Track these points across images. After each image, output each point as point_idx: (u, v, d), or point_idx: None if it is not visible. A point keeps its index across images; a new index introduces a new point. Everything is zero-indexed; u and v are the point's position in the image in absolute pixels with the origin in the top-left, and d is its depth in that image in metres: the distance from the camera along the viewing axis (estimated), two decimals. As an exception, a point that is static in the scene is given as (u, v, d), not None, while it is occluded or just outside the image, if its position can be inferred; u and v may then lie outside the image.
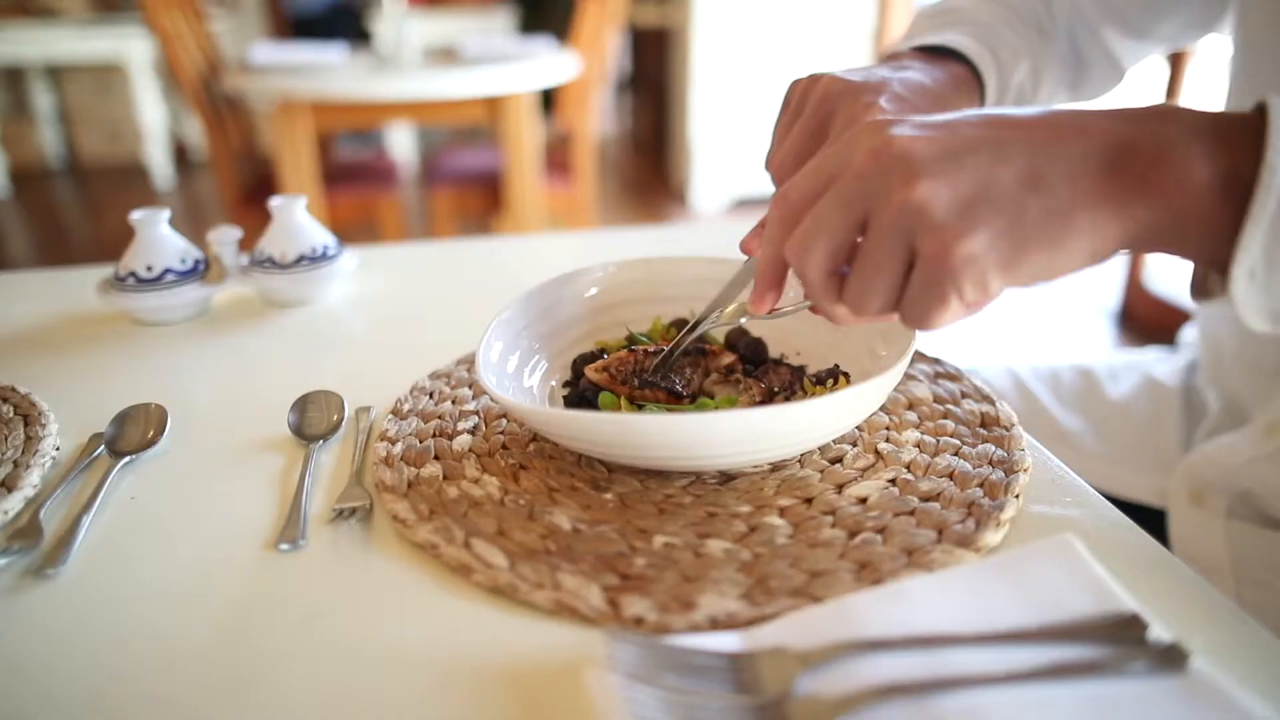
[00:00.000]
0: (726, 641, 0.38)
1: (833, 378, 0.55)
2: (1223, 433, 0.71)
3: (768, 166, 0.57)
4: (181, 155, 4.81)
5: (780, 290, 0.46)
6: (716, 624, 0.39)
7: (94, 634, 0.41)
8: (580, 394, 0.56)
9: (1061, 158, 0.37)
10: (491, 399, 0.56)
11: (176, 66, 2.30)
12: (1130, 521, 0.47)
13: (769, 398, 0.54)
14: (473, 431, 0.55)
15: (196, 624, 0.41)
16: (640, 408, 0.53)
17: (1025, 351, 2.48)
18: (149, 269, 0.75)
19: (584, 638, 0.40)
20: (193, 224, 3.71)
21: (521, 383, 0.57)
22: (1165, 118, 0.38)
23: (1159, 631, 0.36)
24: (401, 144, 4.62)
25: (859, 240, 0.40)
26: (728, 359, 0.57)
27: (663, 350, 0.55)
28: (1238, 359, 0.72)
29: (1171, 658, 0.35)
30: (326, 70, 2.33)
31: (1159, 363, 0.85)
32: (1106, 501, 0.49)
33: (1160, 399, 0.80)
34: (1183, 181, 0.37)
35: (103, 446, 0.55)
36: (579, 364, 0.59)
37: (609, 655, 0.35)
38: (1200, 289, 0.42)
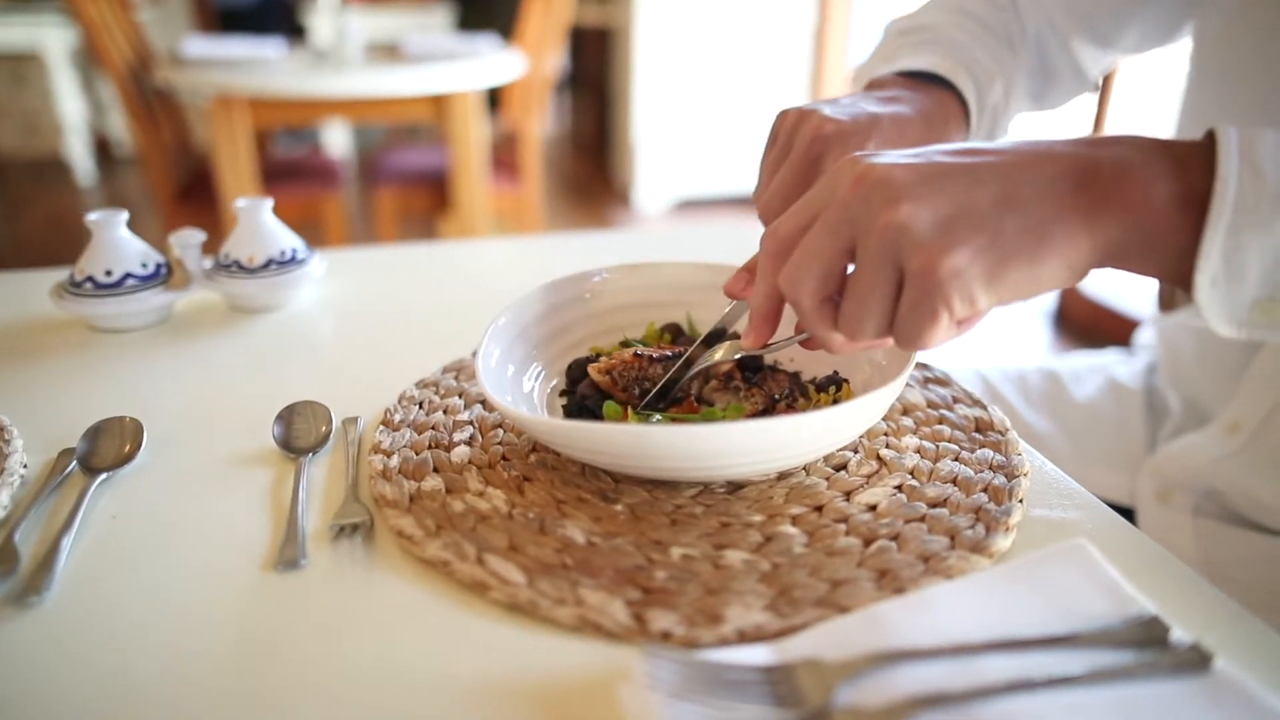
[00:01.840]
0: (758, 654, 0.37)
1: (834, 384, 0.55)
2: (1185, 433, 0.73)
3: (756, 202, 0.58)
4: (104, 150, 4.61)
5: (776, 324, 0.47)
6: (745, 637, 0.39)
7: (85, 665, 0.39)
8: (580, 402, 0.55)
9: (1031, 180, 0.40)
10: (497, 410, 0.55)
11: (104, 57, 2.20)
12: (1128, 523, 0.48)
13: (771, 405, 0.54)
14: (469, 442, 0.54)
15: (198, 649, 0.39)
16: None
17: (974, 352, 2.54)
18: (108, 273, 0.71)
19: (608, 654, 0.39)
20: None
21: (521, 389, 0.56)
22: (1124, 144, 0.41)
23: (1180, 633, 0.37)
24: (338, 142, 4.51)
25: (849, 270, 0.42)
26: (725, 366, 0.57)
27: (666, 355, 0.55)
28: (1196, 361, 0.75)
29: (1195, 659, 0.36)
30: (265, 65, 2.25)
31: (1120, 364, 0.88)
32: (1104, 504, 0.50)
33: (1124, 400, 0.83)
34: (1145, 199, 0.40)
35: (75, 463, 0.52)
36: (574, 369, 0.58)
37: (647, 672, 0.35)
38: (1167, 302, 0.45)
